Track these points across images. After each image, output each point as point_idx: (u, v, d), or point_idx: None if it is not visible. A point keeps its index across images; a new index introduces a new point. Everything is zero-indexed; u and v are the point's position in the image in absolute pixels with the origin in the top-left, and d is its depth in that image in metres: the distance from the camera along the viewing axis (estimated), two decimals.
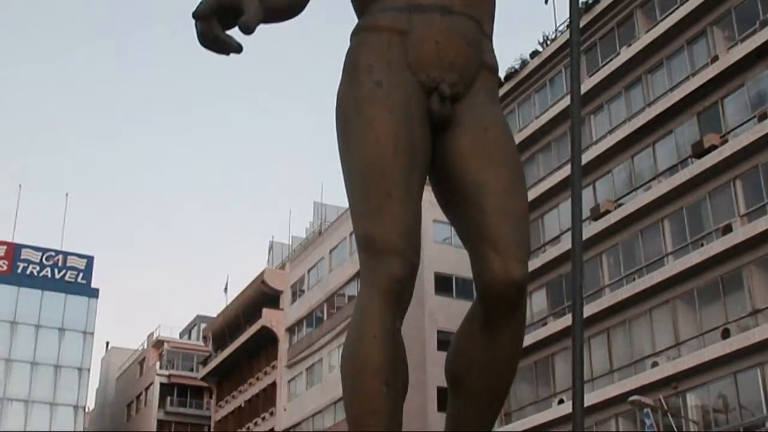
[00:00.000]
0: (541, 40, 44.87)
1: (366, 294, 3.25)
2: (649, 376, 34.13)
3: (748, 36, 33.49)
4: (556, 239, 40.83)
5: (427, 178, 3.58)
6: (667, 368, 33.54)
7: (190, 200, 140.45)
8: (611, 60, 39.82)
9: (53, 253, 75.12)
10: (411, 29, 3.57)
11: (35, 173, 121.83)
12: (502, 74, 45.56)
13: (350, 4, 3.90)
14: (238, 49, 3.10)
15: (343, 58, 3.68)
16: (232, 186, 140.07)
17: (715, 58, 34.65)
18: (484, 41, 3.71)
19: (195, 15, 3.01)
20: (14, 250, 74.08)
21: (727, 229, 32.60)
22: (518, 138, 43.55)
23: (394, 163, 3.32)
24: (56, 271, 74.71)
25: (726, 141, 33.38)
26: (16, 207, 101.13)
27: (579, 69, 3.94)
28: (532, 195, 41.50)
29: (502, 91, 44.87)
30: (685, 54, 36.67)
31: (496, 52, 3.76)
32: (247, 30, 3.02)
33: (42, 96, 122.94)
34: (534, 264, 39.53)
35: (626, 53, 38.84)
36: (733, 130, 33.66)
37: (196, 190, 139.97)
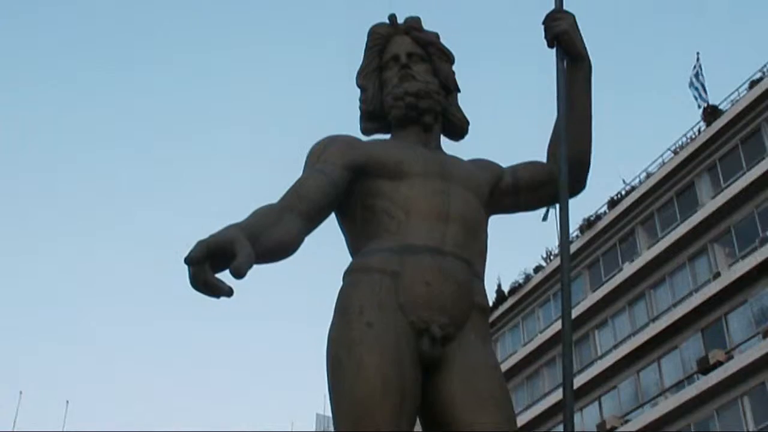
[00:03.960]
0: (545, 255, 45.26)
1: None
2: None
3: (749, 253, 33.78)
4: None
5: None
6: None
7: (189, 406, 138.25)
8: (614, 275, 40.03)
9: None
10: (402, 271, 3.62)
11: (37, 380, 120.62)
12: (506, 288, 45.78)
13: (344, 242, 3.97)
14: (229, 293, 3.00)
15: (335, 299, 3.69)
16: (233, 398, 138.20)
17: (717, 275, 34.82)
18: (475, 282, 3.75)
19: (187, 260, 2.93)
20: None
21: None
22: (522, 353, 43.32)
23: (383, 406, 3.32)
24: None
25: (731, 357, 33.10)
26: (15, 414, 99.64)
27: (569, 299, 3.96)
28: (538, 410, 40.92)
29: (506, 306, 45.03)
30: (687, 270, 36.88)
31: (500, 270, 3.81)
32: (238, 275, 2.95)
33: (43, 299, 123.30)
34: None
35: (629, 269, 39.07)
36: (738, 346, 33.44)
37: (196, 397, 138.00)
